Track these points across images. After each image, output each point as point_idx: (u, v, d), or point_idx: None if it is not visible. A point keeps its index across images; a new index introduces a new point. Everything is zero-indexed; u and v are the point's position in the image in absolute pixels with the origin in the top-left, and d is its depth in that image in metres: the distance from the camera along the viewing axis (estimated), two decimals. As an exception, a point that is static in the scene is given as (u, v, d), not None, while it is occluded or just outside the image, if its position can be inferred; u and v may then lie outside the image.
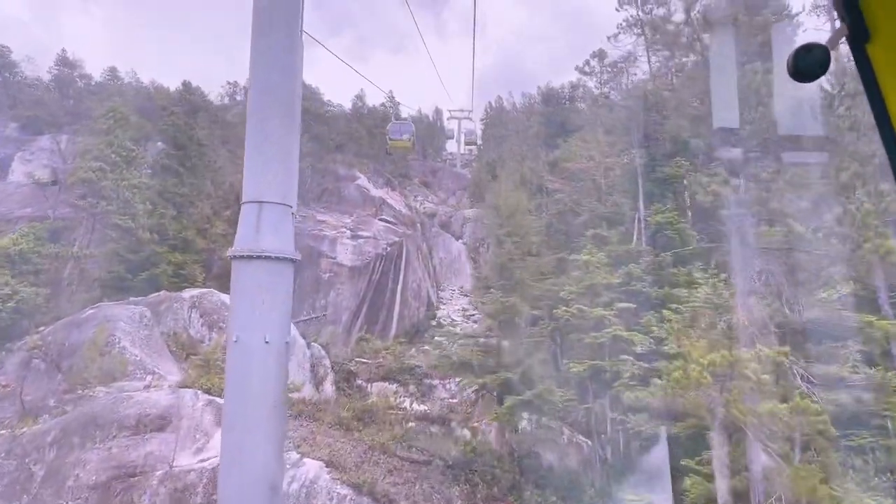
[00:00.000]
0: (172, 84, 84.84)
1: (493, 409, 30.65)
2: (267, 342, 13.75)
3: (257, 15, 15.50)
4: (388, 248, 50.54)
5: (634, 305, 28.37)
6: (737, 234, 24.89)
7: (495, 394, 32.04)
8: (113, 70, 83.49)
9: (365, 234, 50.88)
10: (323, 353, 34.26)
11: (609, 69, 46.28)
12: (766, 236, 23.86)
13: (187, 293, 32.77)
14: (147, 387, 24.98)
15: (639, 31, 37.65)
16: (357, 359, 37.68)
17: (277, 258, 14.67)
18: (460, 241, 74.41)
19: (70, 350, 26.58)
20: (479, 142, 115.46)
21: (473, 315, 56.45)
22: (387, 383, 35.30)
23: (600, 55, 46.58)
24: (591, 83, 46.34)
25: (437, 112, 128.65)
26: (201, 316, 31.66)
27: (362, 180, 65.71)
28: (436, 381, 36.43)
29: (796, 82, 2.11)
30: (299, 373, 32.06)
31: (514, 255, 32.81)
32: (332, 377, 33.48)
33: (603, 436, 28.32)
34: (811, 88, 21.55)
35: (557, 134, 47.31)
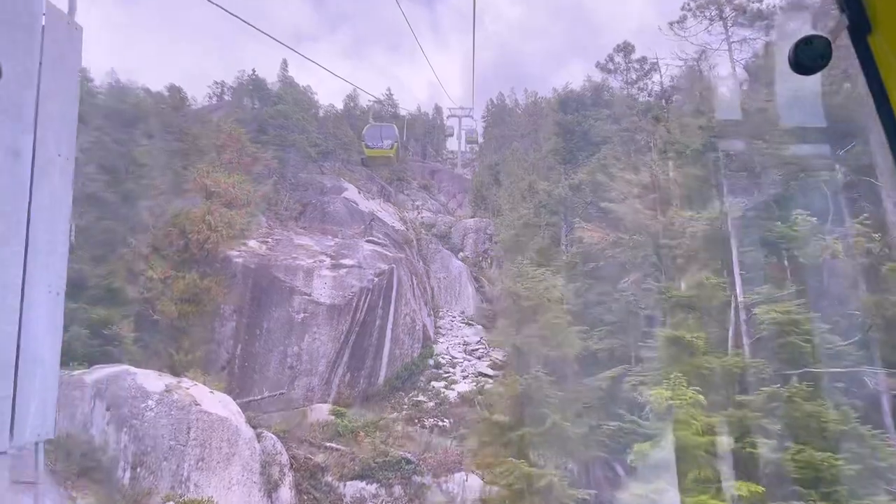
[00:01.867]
0: (163, 87, 76.04)
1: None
2: None
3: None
4: (376, 279, 41.36)
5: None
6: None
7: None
8: (82, 71, 73.83)
9: (348, 261, 41.68)
10: (279, 446, 25.20)
11: (637, 66, 37.15)
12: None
13: (93, 374, 23.62)
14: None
15: (714, 13, 27.68)
16: (328, 443, 28.57)
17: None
18: (461, 253, 65.32)
19: None
20: (481, 140, 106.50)
21: (477, 350, 47.33)
22: (364, 483, 26.19)
23: (625, 49, 37.32)
24: (615, 83, 37.44)
25: (437, 110, 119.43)
26: (108, 409, 22.56)
27: (350, 192, 56.41)
28: (428, 480, 27.31)
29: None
30: (244, 480, 22.99)
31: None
32: (292, 478, 24.42)
33: None
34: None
35: (579, 147, 38.09)
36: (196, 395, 23.88)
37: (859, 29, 2.01)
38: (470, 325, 51.54)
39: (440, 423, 37.49)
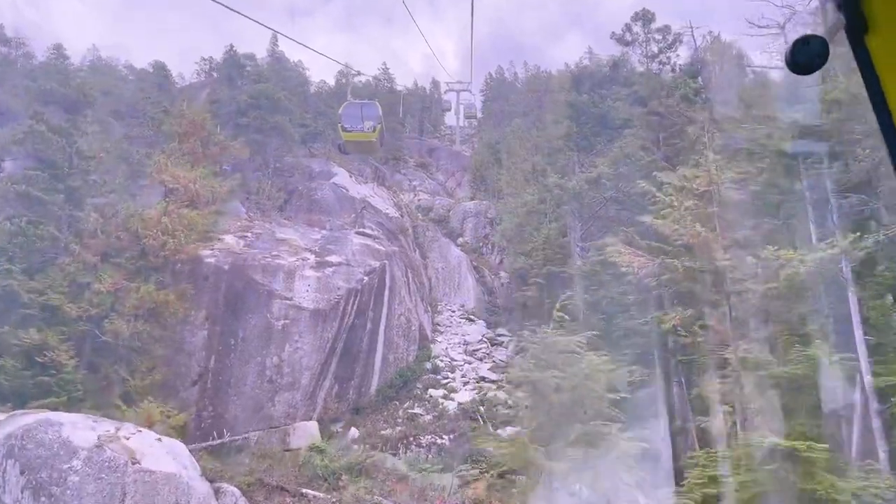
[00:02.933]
0: (147, 64, 70.82)
1: None
2: None
3: None
4: (366, 279, 36.47)
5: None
6: None
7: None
8: (58, 48, 68.30)
9: (335, 259, 36.75)
10: (241, 502, 20.45)
11: (658, 36, 31.62)
12: None
13: (6, 425, 18.77)
14: None
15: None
16: (305, 489, 23.81)
17: None
18: (461, 238, 60.31)
19: None
20: (479, 115, 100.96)
21: (478, 350, 42.60)
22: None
23: (644, 17, 31.76)
24: (634, 56, 31.97)
25: (434, 84, 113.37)
26: (23, 472, 17.78)
27: (341, 176, 51.32)
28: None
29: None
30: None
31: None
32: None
33: None
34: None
35: (595, 132, 32.61)
36: (137, 446, 19.20)
37: (856, 28, 1.95)
38: (471, 320, 46.77)
39: (438, 441, 32.92)
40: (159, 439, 20.37)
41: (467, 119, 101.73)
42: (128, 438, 19.17)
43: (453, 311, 47.77)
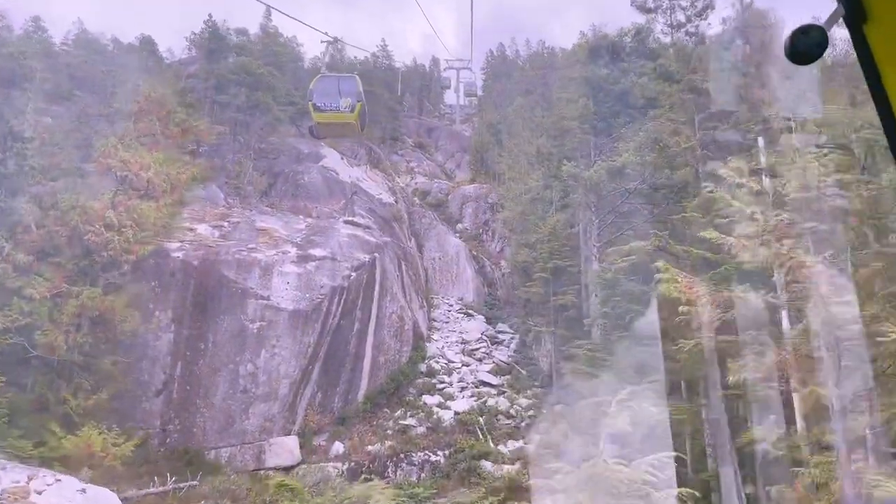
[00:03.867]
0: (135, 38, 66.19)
1: None
2: None
3: None
4: (354, 275, 32.30)
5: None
6: None
7: None
8: (36, 20, 63.43)
9: (319, 252, 32.54)
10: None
11: (684, 2, 26.96)
12: None
13: None
14: None
15: None
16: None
17: None
18: (459, 225, 56.05)
19: None
20: (480, 93, 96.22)
21: (477, 349, 38.53)
22: None
23: (669, -21, 27.14)
24: (657, 26, 27.30)
25: (434, 62, 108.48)
26: None
27: (331, 158, 46.91)
28: None
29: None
30: None
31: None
32: None
33: None
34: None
35: (615, 112, 27.82)
36: (53, 501, 15.18)
37: (856, 18, 1.92)
38: (469, 315, 42.67)
39: (432, 458, 29.05)
40: (83, 490, 16.39)
41: (467, 97, 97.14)
42: (40, 492, 15.20)
43: (451, 306, 43.68)
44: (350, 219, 38.33)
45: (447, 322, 41.34)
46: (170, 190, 26.66)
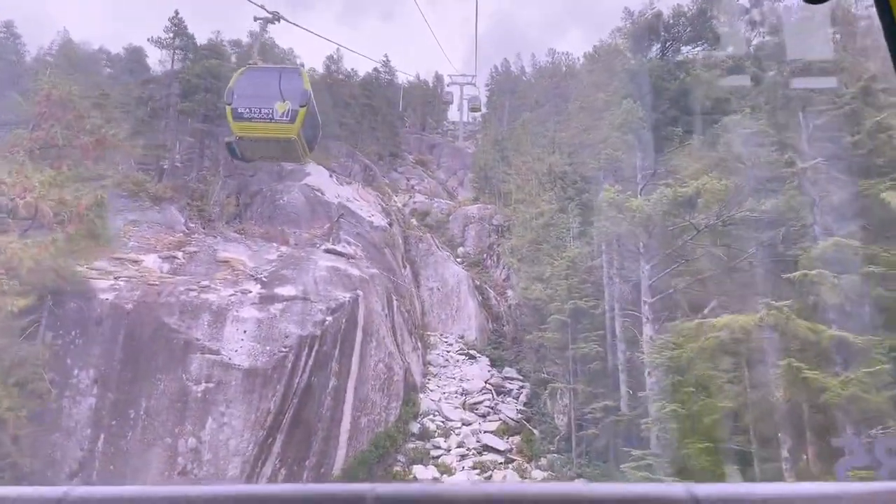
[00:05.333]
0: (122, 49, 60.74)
1: None
2: None
3: None
4: (330, 319, 25.55)
5: None
6: None
7: None
8: (9, 25, 57.51)
9: (288, 290, 25.83)
10: None
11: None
12: None
13: None
14: None
15: None
16: None
17: None
18: (461, 248, 49.35)
19: None
20: (484, 110, 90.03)
21: (481, 402, 31.67)
22: None
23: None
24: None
25: (438, 78, 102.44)
26: None
27: (316, 176, 40.25)
28: None
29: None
30: None
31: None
32: None
33: None
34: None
35: (670, 118, 20.40)
36: None
37: None
38: (472, 356, 35.79)
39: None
40: None
41: (472, 112, 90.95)
42: None
43: (450, 345, 36.80)
44: (332, 247, 31.65)
45: (445, 366, 34.46)
46: (67, 220, 19.92)
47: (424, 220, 52.63)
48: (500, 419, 30.53)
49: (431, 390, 31.80)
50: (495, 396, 32.23)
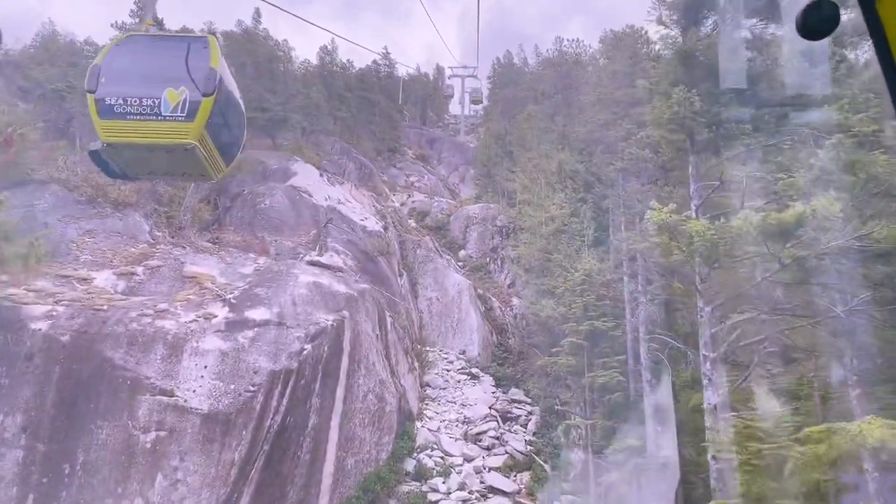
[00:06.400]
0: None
1: None
2: None
3: None
4: (308, 348, 21.43)
5: None
6: None
7: None
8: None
9: (261, 313, 21.69)
10: None
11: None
12: None
13: None
14: None
15: None
16: None
17: None
18: (463, 251, 45.24)
19: None
20: (486, 102, 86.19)
21: (485, 433, 27.67)
22: None
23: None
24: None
25: (438, 70, 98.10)
26: None
27: (304, 176, 36.10)
28: None
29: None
30: None
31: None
32: None
33: None
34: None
35: (735, 118, 15.69)
36: None
37: None
38: (474, 375, 31.69)
39: None
40: None
41: (473, 104, 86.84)
42: None
43: (450, 363, 32.68)
44: (317, 258, 27.50)
45: (445, 388, 30.36)
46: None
47: (423, 220, 48.48)
48: (507, 452, 26.46)
49: (429, 418, 27.72)
50: (501, 424, 28.14)
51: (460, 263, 43.63)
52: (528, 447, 26.71)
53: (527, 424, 28.23)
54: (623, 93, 23.80)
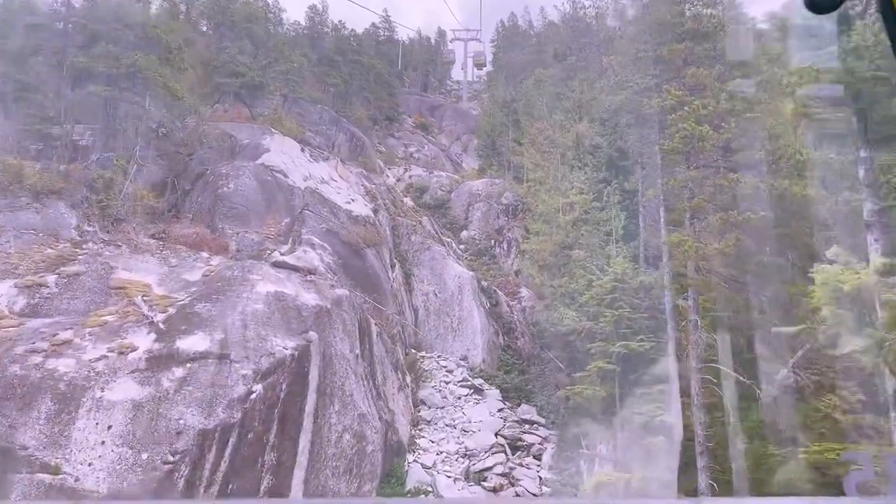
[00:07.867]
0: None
1: None
2: None
3: None
4: (259, 389, 15.76)
5: None
6: None
7: None
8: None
9: (198, 342, 15.98)
10: None
11: None
12: None
13: None
14: None
15: None
16: None
17: None
18: (465, 232, 39.46)
19: None
20: (490, 67, 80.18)
21: (492, 467, 22.14)
22: None
23: None
24: None
25: (440, 34, 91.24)
26: None
27: (278, 153, 30.05)
28: None
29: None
30: None
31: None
32: None
33: None
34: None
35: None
36: None
37: None
38: (477, 389, 26.10)
39: None
40: None
41: (476, 67, 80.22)
42: None
43: (450, 372, 27.08)
44: (283, 259, 21.65)
45: (443, 406, 24.82)
46: None
47: (421, 198, 42.54)
48: (517, 494, 21.03)
49: (423, 449, 22.24)
50: (509, 455, 22.65)
51: (462, 246, 37.91)
52: (544, 487, 21.25)
53: (540, 456, 22.72)
54: (670, 49, 17.77)
